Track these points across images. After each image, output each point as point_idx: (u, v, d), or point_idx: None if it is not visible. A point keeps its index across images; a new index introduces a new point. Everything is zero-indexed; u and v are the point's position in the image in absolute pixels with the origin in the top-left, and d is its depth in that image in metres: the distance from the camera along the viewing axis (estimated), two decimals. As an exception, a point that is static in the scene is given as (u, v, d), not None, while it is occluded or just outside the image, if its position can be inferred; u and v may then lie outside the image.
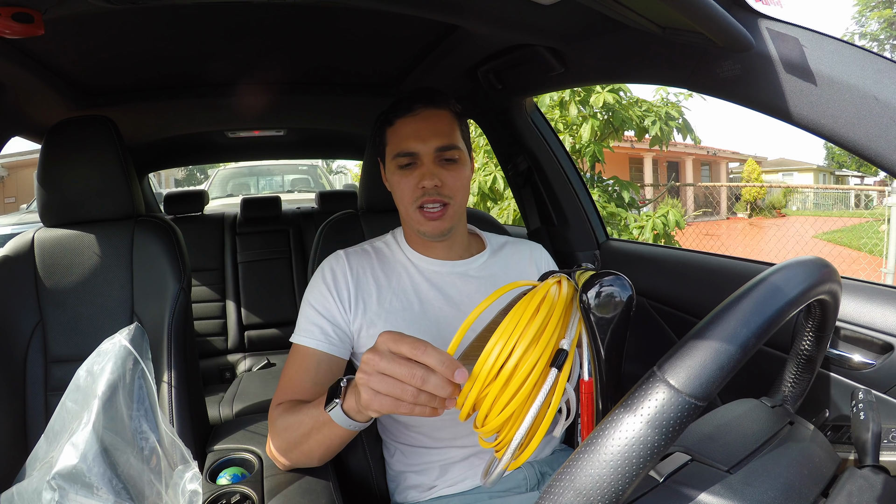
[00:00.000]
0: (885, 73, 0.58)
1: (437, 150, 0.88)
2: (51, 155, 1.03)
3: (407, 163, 0.88)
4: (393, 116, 0.91)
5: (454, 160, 0.89)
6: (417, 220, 0.89)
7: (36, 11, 0.69)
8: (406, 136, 0.88)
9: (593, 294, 0.52)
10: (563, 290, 0.56)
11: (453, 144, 0.89)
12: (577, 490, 0.35)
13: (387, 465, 0.98)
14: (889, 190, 5.25)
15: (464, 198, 0.92)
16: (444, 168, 0.88)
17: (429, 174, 0.87)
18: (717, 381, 0.38)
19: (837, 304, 0.55)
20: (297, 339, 0.87)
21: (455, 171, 0.89)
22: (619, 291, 0.52)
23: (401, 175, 0.89)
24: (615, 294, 0.52)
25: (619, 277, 0.52)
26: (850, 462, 0.53)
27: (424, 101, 0.89)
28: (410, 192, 0.88)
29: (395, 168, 0.90)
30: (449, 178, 0.88)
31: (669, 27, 0.66)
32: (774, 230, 6.52)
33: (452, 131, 0.90)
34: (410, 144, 0.88)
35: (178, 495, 0.79)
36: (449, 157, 0.89)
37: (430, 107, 0.89)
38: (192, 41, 1.16)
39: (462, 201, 0.92)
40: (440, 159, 0.88)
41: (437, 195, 0.87)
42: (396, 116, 0.90)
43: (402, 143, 0.88)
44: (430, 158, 0.88)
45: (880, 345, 0.73)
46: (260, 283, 2.37)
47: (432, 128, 0.88)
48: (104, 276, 1.05)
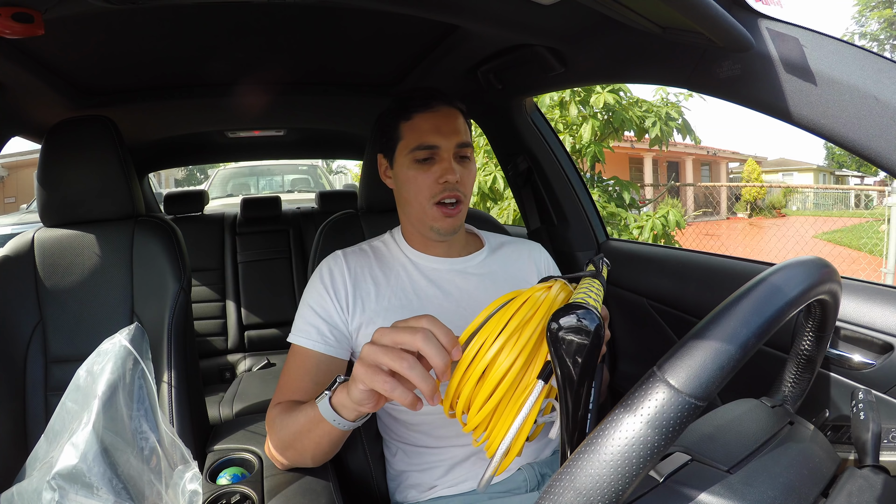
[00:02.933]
0: (885, 73, 0.58)
1: (457, 145, 0.89)
2: (51, 155, 1.03)
3: (426, 157, 0.88)
4: (409, 111, 0.90)
5: (468, 158, 0.91)
6: (434, 216, 0.89)
7: (36, 11, 0.69)
8: (427, 130, 0.88)
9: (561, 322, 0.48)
10: (553, 293, 0.57)
11: (469, 142, 0.91)
12: (577, 490, 0.35)
13: (387, 465, 0.98)
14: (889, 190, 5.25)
15: (470, 198, 0.94)
16: (461, 165, 0.90)
17: (451, 169, 0.87)
18: (717, 381, 0.38)
19: (837, 304, 0.55)
20: (294, 338, 0.87)
21: (469, 169, 0.91)
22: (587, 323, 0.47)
23: (418, 169, 0.88)
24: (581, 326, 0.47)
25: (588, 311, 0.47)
26: (850, 462, 0.53)
27: (441, 100, 0.90)
28: (429, 187, 0.88)
29: (411, 162, 0.89)
30: (465, 174, 0.90)
31: (669, 27, 0.66)
32: (774, 230, 6.52)
33: (466, 130, 0.92)
34: (433, 138, 0.87)
35: (178, 495, 0.79)
36: (464, 154, 0.90)
37: (446, 105, 0.90)
38: (192, 41, 1.16)
39: (469, 202, 0.93)
40: (458, 156, 0.89)
41: (456, 190, 0.88)
42: (414, 111, 0.90)
43: (423, 137, 0.88)
44: (450, 153, 0.88)
45: (880, 345, 0.73)
46: (260, 283, 2.37)
47: (452, 124, 0.89)
48: (104, 276, 1.05)
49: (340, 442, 0.77)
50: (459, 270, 0.95)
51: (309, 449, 0.77)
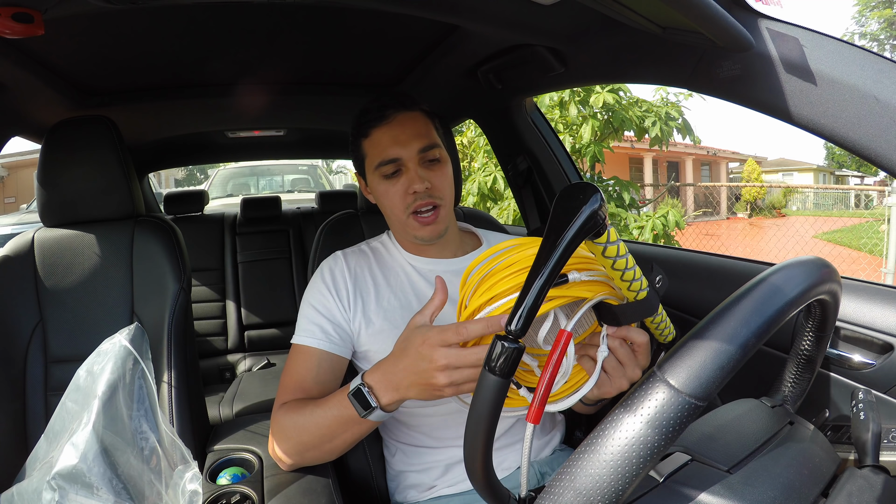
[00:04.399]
0: (885, 73, 0.58)
1: (419, 152, 0.87)
2: (51, 155, 1.03)
3: (392, 171, 0.87)
4: (366, 128, 0.89)
5: (437, 160, 0.89)
6: (413, 226, 0.88)
7: (36, 11, 0.69)
8: (386, 143, 0.87)
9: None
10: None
11: (434, 143, 0.88)
12: (577, 490, 0.35)
13: (387, 465, 0.99)
14: (889, 190, 5.25)
15: (452, 196, 0.92)
16: (429, 169, 0.88)
17: (417, 178, 0.86)
18: (717, 381, 0.38)
19: (837, 304, 0.55)
20: (297, 339, 0.87)
21: (440, 171, 0.89)
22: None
23: (387, 184, 0.88)
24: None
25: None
26: (850, 462, 0.53)
27: (395, 106, 0.88)
28: (401, 200, 0.87)
29: (380, 178, 0.88)
30: (436, 178, 0.88)
31: (669, 27, 0.66)
32: (774, 230, 6.52)
33: (429, 131, 0.89)
34: (392, 151, 0.86)
35: (178, 495, 0.79)
36: (432, 157, 0.88)
37: (401, 110, 0.88)
38: (192, 41, 1.16)
39: (451, 200, 0.91)
40: (424, 161, 0.88)
41: (428, 197, 0.87)
42: (370, 127, 0.88)
43: (383, 152, 0.87)
44: (414, 162, 0.87)
45: (880, 345, 0.73)
46: (260, 283, 2.37)
47: (410, 131, 0.87)
48: (104, 276, 1.05)
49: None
50: (456, 271, 0.95)
51: (340, 447, 0.78)
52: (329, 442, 0.77)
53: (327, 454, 0.80)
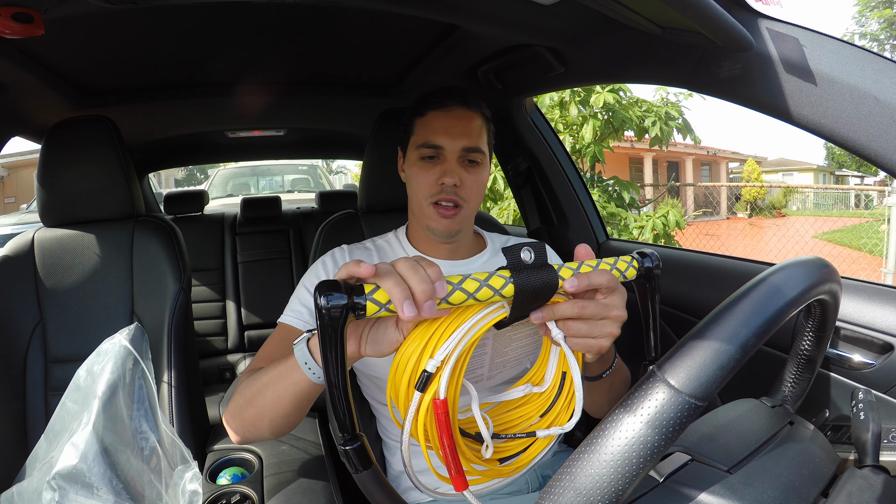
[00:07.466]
0: (885, 73, 0.58)
1: (463, 149, 0.88)
2: (51, 155, 1.03)
3: (430, 155, 0.88)
4: (424, 108, 0.90)
5: (476, 163, 0.90)
6: (430, 215, 0.88)
7: (36, 11, 0.69)
8: (436, 129, 0.88)
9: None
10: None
11: (479, 147, 0.89)
12: (577, 490, 0.35)
13: (387, 465, 0.98)
14: (889, 190, 5.25)
15: (477, 203, 0.92)
16: (466, 169, 0.89)
17: (450, 171, 0.86)
18: (717, 381, 0.38)
19: (837, 304, 0.55)
20: (283, 318, 0.84)
21: (475, 174, 0.90)
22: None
23: (420, 167, 0.89)
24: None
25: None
26: (850, 462, 0.53)
27: (458, 100, 0.89)
28: (428, 187, 0.88)
29: (417, 159, 0.89)
30: (469, 179, 0.88)
31: (669, 27, 0.66)
32: (774, 230, 6.52)
33: (480, 135, 0.90)
34: (438, 138, 0.87)
35: (178, 495, 0.79)
36: (472, 158, 0.89)
37: (463, 106, 0.89)
38: (193, 41, 1.16)
39: (475, 206, 0.92)
40: (464, 160, 0.89)
41: (454, 194, 0.87)
42: (429, 108, 0.89)
43: (430, 135, 0.88)
44: (454, 156, 0.88)
45: (880, 345, 0.73)
46: (260, 283, 2.37)
47: (463, 127, 0.88)
48: (104, 277, 1.05)
49: (302, 405, 0.65)
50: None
51: (269, 407, 0.65)
52: (261, 396, 0.65)
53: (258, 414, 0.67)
